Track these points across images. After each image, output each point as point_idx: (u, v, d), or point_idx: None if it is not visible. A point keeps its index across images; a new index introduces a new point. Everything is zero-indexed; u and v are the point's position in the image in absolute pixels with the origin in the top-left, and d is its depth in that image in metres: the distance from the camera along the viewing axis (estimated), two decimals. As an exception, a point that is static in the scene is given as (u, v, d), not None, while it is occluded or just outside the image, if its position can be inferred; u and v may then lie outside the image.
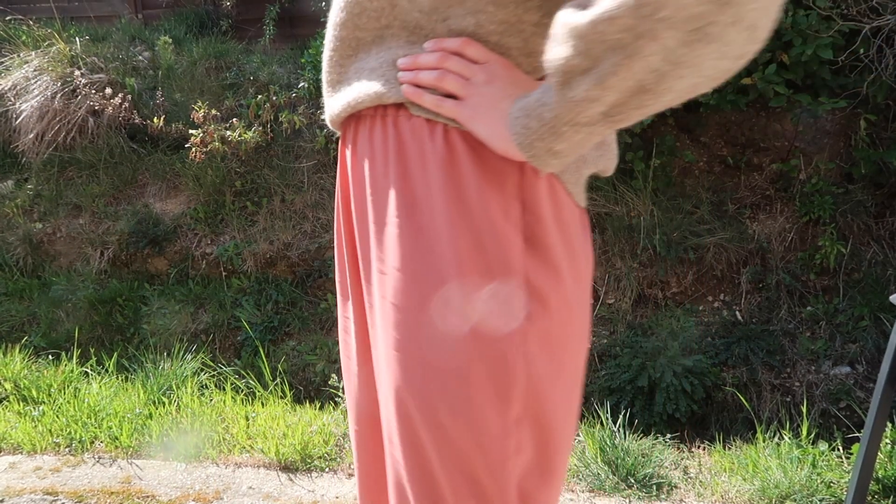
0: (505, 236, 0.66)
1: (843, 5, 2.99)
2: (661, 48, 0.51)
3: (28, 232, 4.23)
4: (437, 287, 0.66)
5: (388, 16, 0.69)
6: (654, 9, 0.49)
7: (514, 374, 0.66)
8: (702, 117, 3.72)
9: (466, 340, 0.65)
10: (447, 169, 0.66)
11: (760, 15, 0.52)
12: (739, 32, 0.52)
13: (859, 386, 3.02)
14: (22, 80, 4.45)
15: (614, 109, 0.57)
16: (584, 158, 0.71)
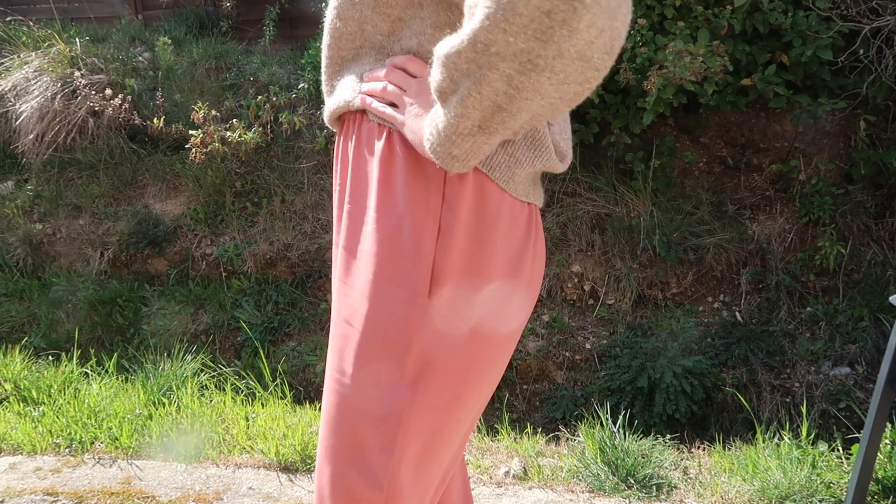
0: (421, 223, 0.77)
1: (842, 6, 2.99)
2: (501, 76, 0.61)
3: (28, 233, 4.24)
4: (360, 260, 0.80)
5: (360, 38, 0.83)
6: (486, 45, 0.60)
7: (409, 342, 0.77)
8: (701, 118, 3.72)
9: (371, 306, 0.78)
10: (384, 164, 0.79)
11: (588, 48, 0.60)
12: (569, 63, 0.61)
13: (859, 386, 3.02)
14: (22, 80, 4.46)
15: (484, 123, 0.67)
16: (516, 159, 0.79)
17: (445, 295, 0.78)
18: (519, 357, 3.43)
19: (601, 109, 3.55)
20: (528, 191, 0.82)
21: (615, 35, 0.62)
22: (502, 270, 0.80)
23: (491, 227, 0.79)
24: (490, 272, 0.79)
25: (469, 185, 0.78)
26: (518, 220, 0.81)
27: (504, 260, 0.80)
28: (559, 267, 3.56)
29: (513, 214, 0.80)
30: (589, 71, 0.63)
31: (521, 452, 2.19)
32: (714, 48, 2.93)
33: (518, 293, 0.83)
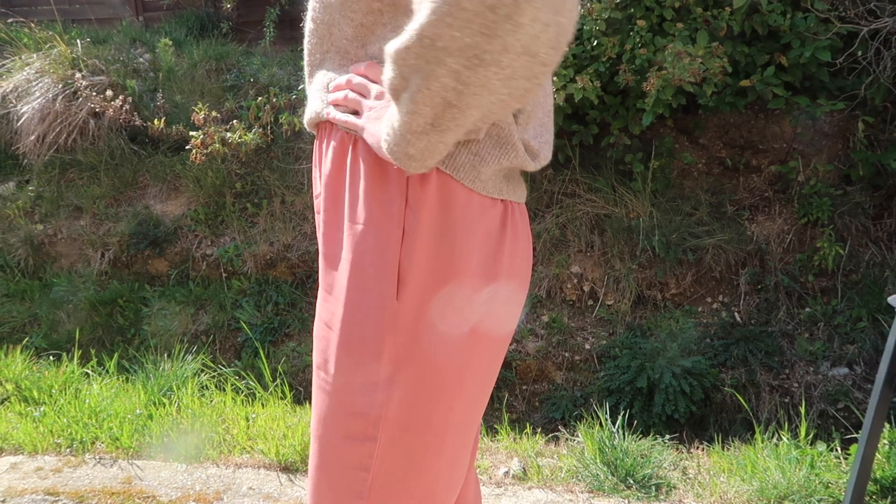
0: (385, 229, 0.78)
1: (841, 8, 3.00)
2: (449, 71, 0.62)
3: (29, 233, 4.24)
4: (333, 265, 0.84)
5: (328, 42, 0.84)
6: (432, 41, 0.60)
7: (382, 344, 0.80)
8: (700, 119, 3.73)
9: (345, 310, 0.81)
10: (353, 172, 0.81)
11: (533, 42, 0.60)
12: (516, 58, 0.61)
13: (857, 387, 3.02)
14: (23, 82, 4.47)
15: (436, 121, 0.67)
16: (480, 157, 0.79)
17: (415, 296, 0.79)
18: (518, 357, 3.44)
19: (600, 110, 3.56)
20: (499, 187, 0.82)
21: (561, 30, 0.62)
22: (476, 270, 0.80)
23: (459, 227, 0.79)
24: (461, 272, 0.80)
25: (432, 187, 0.78)
26: (489, 218, 0.81)
27: (477, 259, 0.80)
28: (559, 267, 3.57)
29: (483, 212, 0.80)
30: (536, 66, 0.63)
31: (521, 453, 2.20)
32: (713, 49, 2.94)
33: (496, 291, 0.83)
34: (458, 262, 0.80)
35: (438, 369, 0.82)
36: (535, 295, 3.56)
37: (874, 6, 2.98)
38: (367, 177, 0.80)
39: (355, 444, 0.83)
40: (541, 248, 3.62)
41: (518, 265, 0.85)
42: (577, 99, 3.16)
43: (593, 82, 3.15)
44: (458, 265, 0.80)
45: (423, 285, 0.79)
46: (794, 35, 3.06)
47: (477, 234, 0.80)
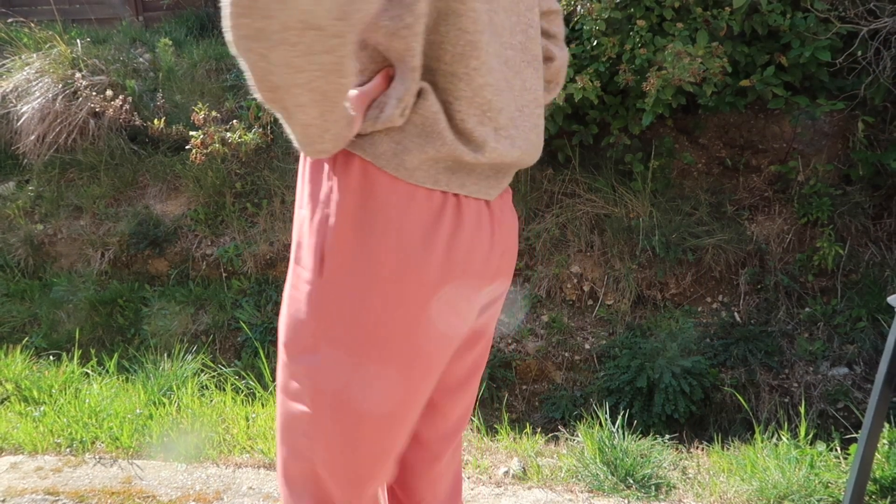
0: (317, 213, 0.83)
1: (840, 8, 3.00)
2: (258, 56, 0.65)
3: (29, 233, 4.25)
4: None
5: None
6: (237, 31, 0.63)
7: (309, 319, 0.85)
8: (700, 119, 3.73)
9: (289, 283, 0.88)
10: (303, 161, 0.88)
11: (310, 17, 0.62)
12: (301, 33, 0.63)
13: (857, 387, 3.03)
14: (23, 81, 4.47)
15: (278, 104, 0.70)
16: (403, 146, 0.79)
17: (338, 276, 0.83)
18: (518, 357, 3.44)
19: (600, 110, 3.56)
20: (436, 178, 0.81)
21: (340, 1, 0.62)
22: (396, 256, 0.80)
23: (381, 213, 0.80)
24: (382, 256, 0.80)
25: (355, 173, 0.80)
26: (420, 207, 0.81)
27: (397, 246, 0.80)
28: (558, 267, 3.57)
29: (412, 201, 0.80)
30: (328, 39, 0.63)
31: (521, 452, 2.20)
32: (713, 49, 2.94)
33: (419, 280, 0.82)
34: (378, 247, 0.81)
35: (356, 349, 0.84)
36: (535, 295, 3.56)
37: (874, 6, 2.98)
38: (308, 164, 0.86)
39: (297, 411, 0.89)
40: (541, 247, 3.63)
41: (458, 262, 0.83)
42: (576, 99, 3.16)
43: (593, 82, 3.15)
44: (378, 249, 0.81)
45: (344, 266, 0.82)
46: (793, 35, 3.06)
47: (400, 221, 0.80)
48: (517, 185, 3.77)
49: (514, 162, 0.87)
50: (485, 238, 0.86)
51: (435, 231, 0.81)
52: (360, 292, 0.82)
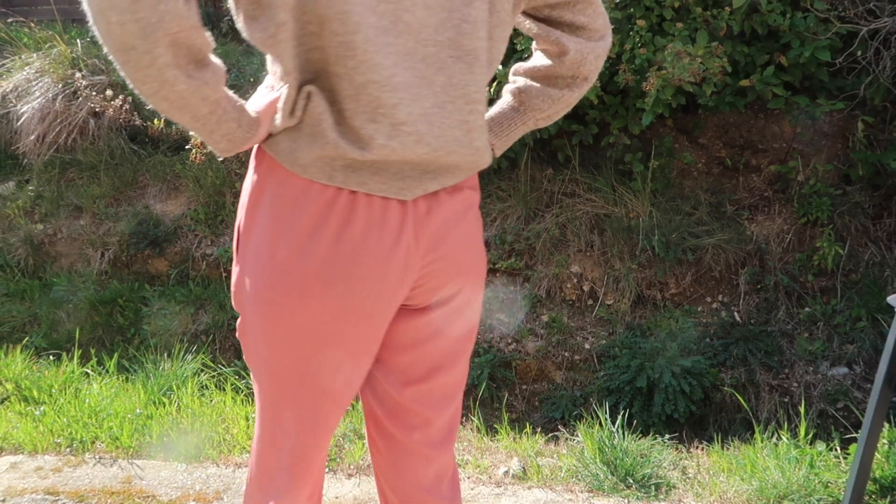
0: (240, 200, 0.95)
1: (840, 7, 3.00)
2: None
3: (29, 233, 4.24)
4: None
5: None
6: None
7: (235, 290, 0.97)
8: (700, 119, 3.73)
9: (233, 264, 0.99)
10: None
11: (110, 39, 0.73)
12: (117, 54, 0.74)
13: (857, 387, 3.03)
14: (23, 81, 4.47)
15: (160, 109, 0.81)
16: (297, 144, 0.87)
17: (245, 256, 0.93)
18: (518, 357, 3.44)
19: (600, 110, 3.56)
20: (332, 174, 0.86)
21: (142, 23, 0.71)
22: (286, 244, 0.88)
23: (278, 204, 0.89)
24: (274, 242, 0.89)
25: (264, 167, 0.91)
26: (308, 201, 0.87)
27: (289, 234, 0.88)
28: (558, 267, 3.57)
29: (306, 194, 0.87)
30: (142, 56, 0.73)
31: (521, 452, 2.20)
32: (713, 49, 2.94)
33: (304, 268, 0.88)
34: (275, 233, 0.89)
35: (253, 329, 0.94)
36: (534, 295, 3.56)
37: (874, 6, 2.98)
38: (252, 158, 0.96)
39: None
40: (540, 247, 3.63)
41: (344, 251, 0.87)
42: (576, 99, 3.17)
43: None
44: (274, 236, 0.89)
45: (249, 248, 0.92)
46: (793, 35, 3.06)
47: (296, 212, 0.87)
48: (517, 185, 3.77)
49: (427, 160, 0.88)
50: (388, 236, 0.89)
51: (324, 224, 0.87)
52: (260, 273, 0.90)
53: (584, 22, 0.99)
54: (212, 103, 0.81)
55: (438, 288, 0.98)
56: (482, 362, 3.38)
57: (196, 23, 0.76)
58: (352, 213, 0.87)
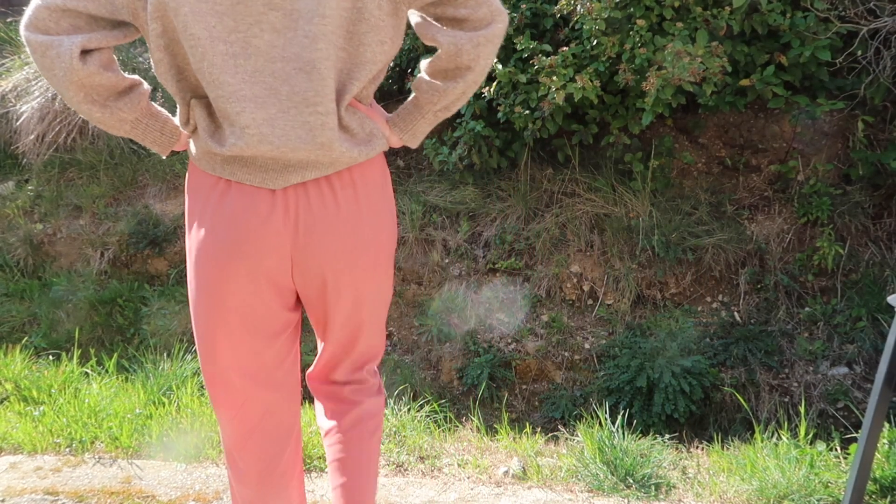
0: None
1: (840, 7, 3.00)
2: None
3: (29, 233, 4.24)
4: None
5: None
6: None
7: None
8: (700, 119, 3.73)
9: None
10: None
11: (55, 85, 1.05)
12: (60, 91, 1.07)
13: (857, 386, 3.03)
14: (23, 81, 4.47)
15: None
16: (195, 145, 1.16)
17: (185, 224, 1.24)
18: (518, 357, 3.44)
19: (600, 110, 3.56)
20: (213, 167, 1.14)
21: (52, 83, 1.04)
22: (191, 216, 1.19)
23: (189, 187, 1.20)
24: (188, 215, 1.20)
25: (189, 161, 1.21)
26: (201, 185, 1.17)
27: (192, 209, 1.19)
28: (558, 267, 3.57)
29: (201, 181, 1.17)
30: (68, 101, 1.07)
31: (521, 452, 2.20)
32: (713, 49, 2.94)
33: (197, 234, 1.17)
34: (188, 208, 1.20)
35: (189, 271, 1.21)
36: (534, 294, 3.56)
37: (874, 6, 2.98)
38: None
39: None
40: (540, 247, 3.63)
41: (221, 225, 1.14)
42: (576, 98, 3.16)
43: (593, 82, 3.15)
44: (188, 210, 1.20)
45: (185, 219, 1.24)
46: (793, 34, 3.06)
47: (195, 193, 1.18)
48: (517, 185, 3.77)
49: (276, 156, 1.09)
50: (258, 215, 1.12)
51: (207, 202, 1.15)
52: (187, 238, 1.21)
53: (465, 14, 1.09)
54: (131, 122, 1.10)
55: (316, 268, 1.17)
56: (482, 362, 3.38)
57: (94, 70, 1.02)
58: (228, 195, 1.13)
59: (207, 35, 1.03)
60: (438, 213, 3.84)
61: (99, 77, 1.03)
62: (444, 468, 2.09)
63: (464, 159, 3.73)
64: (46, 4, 1.01)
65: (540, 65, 3.21)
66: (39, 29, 1.01)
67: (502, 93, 3.44)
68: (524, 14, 3.38)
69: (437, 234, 3.78)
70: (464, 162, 3.74)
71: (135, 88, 1.10)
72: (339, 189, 1.14)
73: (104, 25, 1.05)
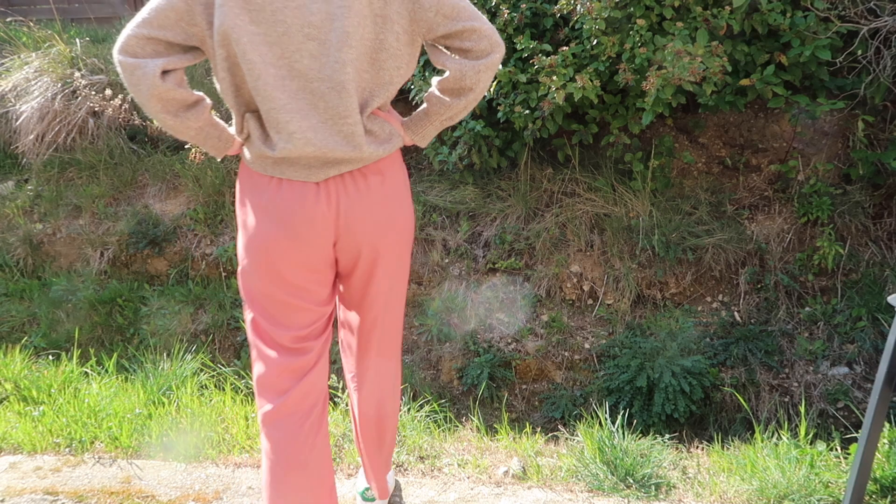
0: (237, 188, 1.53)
1: (840, 7, 3.00)
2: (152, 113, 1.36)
3: (28, 233, 4.24)
4: None
5: None
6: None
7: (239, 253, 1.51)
8: (700, 118, 3.73)
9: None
10: None
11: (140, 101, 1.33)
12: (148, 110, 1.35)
13: (857, 386, 3.02)
14: (22, 81, 4.46)
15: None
16: (248, 150, 1.43)
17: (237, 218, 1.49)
18: (518, 357, 3.44)
19: (600, 110, 3.56)
20: (265, 167, 1.41)
21: (145, 110, 1.33)
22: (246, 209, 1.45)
23: (243, 186, 1.48)
24: (242, 208, 1.47)
25: (241, 163, 1.49)
26: (255, 184, 1.43)
27: (248, 204, 1.45)
28: (558, 267, 3.57)
29: (253, 180, 1.44)
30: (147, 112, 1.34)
31: (520, 452, 2.20)
32: (713, 49, 2.94)
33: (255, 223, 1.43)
34: (242, 203, 1.47)
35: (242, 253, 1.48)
36: (534, 294, 3.56)
37: (874, 5, 2.98)
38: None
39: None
40: (540, 247, 3.62)
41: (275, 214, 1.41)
42: (576, 98, 3.16)
43: (593, 81, 3.15)
44: (242, 205, 1.47)
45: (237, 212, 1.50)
46: (793, 34, 3.06)
47: (250, 191, 1.45)
48: (517, 185, 3.77)
49: (317, 155, 1.36)
50: (306, 204, 1.39)
51: (262, 197, 1.42)
52: (240, 227, 1.47)
53: (469, 46, 1.36)
54: (196, 129, 1.38)
55: (351, 244, 1.44)
56: (482, 362, 3.38)
57: (171, 87, 1.29)
58: (280, 190, 1.40)
59: (261, 60, 1.30)
60: (438, 212, 3.84)
61: (174, 93, 1.30)
62: (443, 468, 2.09)
63: (464, 159, 3.72)
64: (135, 34, 1.27)
65: (540, 64, 3.21)
66: (129, 53, 1.27)
67: (502, 92, 3.44)
68: (524, 14, 3.37)
69: (436, 233, 3.77)
70: (464, 162, 3.73)
71: (200, 103, 1.36)
72: (370, 177, 1.42)
73: (179, 50, 1.32)
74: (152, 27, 1.27)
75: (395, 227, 1.49)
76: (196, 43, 1.32)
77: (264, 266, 1.44)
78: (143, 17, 1.28)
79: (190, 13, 1.28)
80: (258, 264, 1.44)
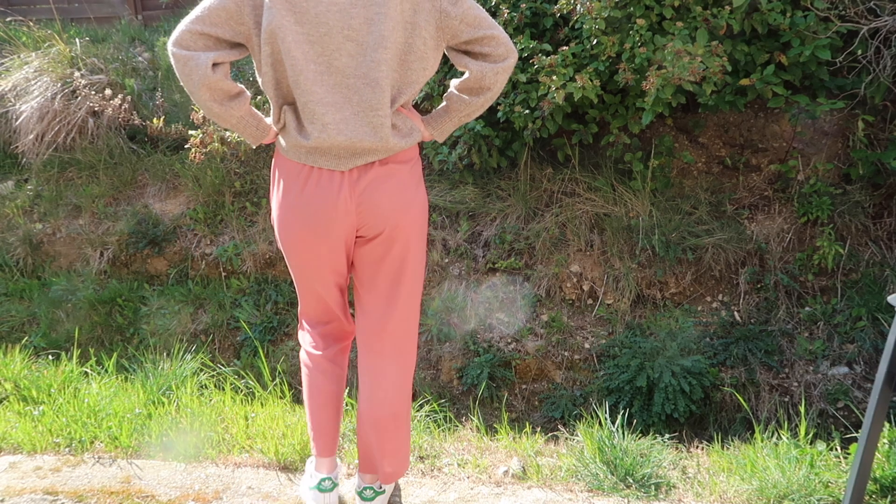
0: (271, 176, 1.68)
1: (840, 7, 3.00)
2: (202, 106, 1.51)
3: (28, 232, 4.24)
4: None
5: None
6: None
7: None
8: (700, 118, 3.73)
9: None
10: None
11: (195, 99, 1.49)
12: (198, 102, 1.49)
13: (857, 386, 3.03)
14: (22, 80, 4.46)
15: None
16: (284, 139, 1.58)
17: (270, 202, 1.67)
18: (518, 357, 3.44)
19: (600, 109, 3.56)
20: (299, 155, 1.56)
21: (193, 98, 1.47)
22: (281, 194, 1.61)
23: (279, 174, 1.62)
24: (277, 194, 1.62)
25: (276, 152, 1.65)
26: (289, 171, 1.58)
27: (282, 189, 1.60)
28: (558, 267, 3.57)
29: (288, 167, 1.59)
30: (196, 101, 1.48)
31: (520, 452, 2.20)
32: (713, 48, 2.94)
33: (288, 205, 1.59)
34: (277, 189, 1.62)
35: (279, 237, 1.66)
36: (534, 294, 3.56)
37: (874, 5, 2.98)
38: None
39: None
40: (540, 247, 3.62)
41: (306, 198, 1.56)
42: (576, 98, 3.16)
43: (593, 81, 3.15)
44: (278, 190, 1.62)
45: (272, 197, 1.65)
46: (793, 34, 3.06)
47: (285, 178, 1.59)
48: (517, 185, 3.77)
49: (347, 146, 1.50)
50: (333, 191, 1.54)
51: (295, 182, 1.57)
52: (274, 212, 1.64)
53: (488, 51, 1.54)
54: (237, 118, 1.53)
55: (375, 224, 1.58)
56: (482, 362, 3.38)
57: (219, 78, 1.43)
58: (311, 177, 1.55)
59: (303, 57, 1.45)
60: (438, 212, 3.84)
61: (222, 83, 1.44)
62: (443, 468, 2.09)
63: (464, 159, 3.72)
64: (189, 29, 1.40)
65: (540, 64, 3.21)
66: (183, 46, 1.40)
67: (502, 92, 3.44)
68: (524, 13, 3.37)
69: (436, 233, 3.77)
70: (464, 161, 3.73)
71: (242, 94, 1.51)
72: (391, 165, 1.57)
73: (226, 46, 1.46)
74: (205, 24, 1.41)
75: (412, 211, 1.62)
76: (242, 40, 1.47)
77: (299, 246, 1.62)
78: (197, 14, 1.41)
79: (239, 13, 1.43)
80: (293, 244, 1.63)
